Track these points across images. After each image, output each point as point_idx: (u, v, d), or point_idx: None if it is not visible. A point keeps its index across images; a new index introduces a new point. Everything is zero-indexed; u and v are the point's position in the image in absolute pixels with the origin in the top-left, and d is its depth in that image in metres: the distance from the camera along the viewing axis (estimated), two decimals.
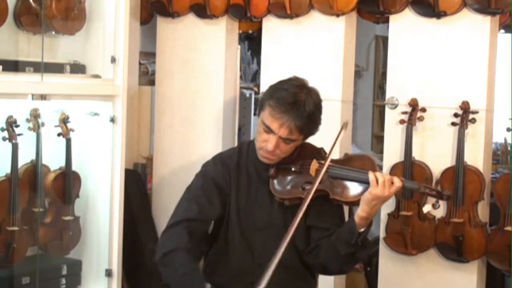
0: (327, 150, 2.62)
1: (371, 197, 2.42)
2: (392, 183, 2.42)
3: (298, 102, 2.49)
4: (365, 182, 2.47)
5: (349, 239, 2.48)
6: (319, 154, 2.62)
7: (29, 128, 3.21)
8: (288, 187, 2.59)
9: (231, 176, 2.65)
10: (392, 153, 3.60)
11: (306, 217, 2.60)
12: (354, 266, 2.69)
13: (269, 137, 2.52)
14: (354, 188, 2.51)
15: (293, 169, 2.60)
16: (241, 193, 2.65)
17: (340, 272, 2.77)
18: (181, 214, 2.62)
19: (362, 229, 2.47)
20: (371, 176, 2.43)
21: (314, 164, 2.57)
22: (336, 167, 2.55)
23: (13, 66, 3.27)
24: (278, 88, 2.55)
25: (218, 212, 2.64)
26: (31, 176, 3.32)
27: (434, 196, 2.59)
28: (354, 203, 2.53)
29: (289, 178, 2.60)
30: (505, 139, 4.82)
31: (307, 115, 2.49)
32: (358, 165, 2.56)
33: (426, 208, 3.29)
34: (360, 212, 2.45)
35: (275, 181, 2.61)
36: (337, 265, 2.58)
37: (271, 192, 2.61)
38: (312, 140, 2.66)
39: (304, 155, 2.62)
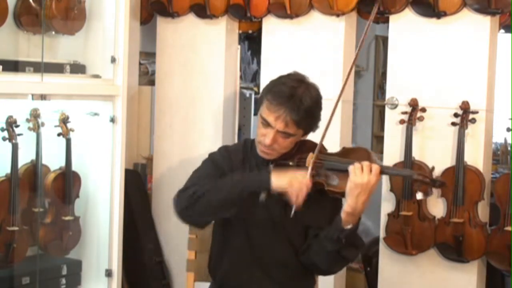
0: (329, 149, 2.62)
1: (352, 186, 2.40)
2: (369, 166, 2.41)
3: (295, 96, 2.49)
4: None
5: (333, 234, 2.46)
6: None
7: (29, 128, 3.21)
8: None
9: (235, 170, 2.65)
10: (392, 153, 3.60)
11: (304, 217, 2.60)
12: (342, 267, 2.66)
13: (267, 131, 2.53)
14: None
15: (290, 163, 2.61)
16: None
17: (329, 272, 2.74)
18: (193, 181, 2.61)
19: (349, 226, 2.45)
20: (350, 166, 2.43)
21: (310, 156, 2.57)
22: (332, 159, 2.56)
23: (13, 66, 3.27)
24: (277, 82, 2.56)
25: None
26: (31, 176, 3.33)
27: (427, 184, 2.58)
28: None
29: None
30: (505, 139, 4.81)
31: (304, 109, 2.49)
32: (354, 157, 2.56)
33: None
34: (345, 207, 2.43)
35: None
36: (325, 263, 2.57)
37: None
38: (313, 138, 2.66)
39: (303, 151, 2.62)
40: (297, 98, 2.49)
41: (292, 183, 2.42)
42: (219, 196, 2.49)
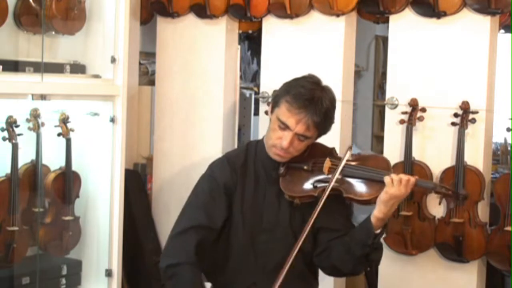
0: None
1: (388, 197, 2.43)
2: (408, 180, 2.44)
3: (316, 98, 2.49)
4: (380, 181, 2.47)
5: (365, 240, 2.49)
6: (331, 153, 2.62)
7: (29, 128, 3.21)
8: (300, 185, 2.58)
9: (238, 175, 2.64)
10: (392, 153, 3.59)
11: (315, 219, 2.60)
12: (366, 267, 2.68)
13: (284, 134, 2.51)
14: (368, 187, 2.51)
15: (305, 167, 2.59)
16: (247, 192, 2.63)
17: (353, 273, 2.76)
18: (188, 221, 2.59)
19: (378, 230, 2.48)
20: (386, 178, 2.45)
21: (328, 163, 2.57)
22: (351, 166, 2.55)
23: (13, 66, 3.27)
24: (294, 85, 2.55)
25: (225, 218, 2.62)
26: (31, 176, 3.32)
27: (450, 196, 2.58)
28: (368, 202, 2.53)
29: (300, 176, 2.59)
30: (505, 139, 4.81)
31: (324, 111, 2.50)
32: (373, 164, 2.56)
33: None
34: (376, 213, 2.46)
35: (285, 179, 2.60)
36: (350, 266, 2.58)
37: (280, 191, 2.59)
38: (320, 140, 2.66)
39: (315, 154, 2.62)
40: (318, 100, 2.49)
41: None
42: None
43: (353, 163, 2.57)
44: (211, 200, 2.60)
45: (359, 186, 2.53)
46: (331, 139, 2.76)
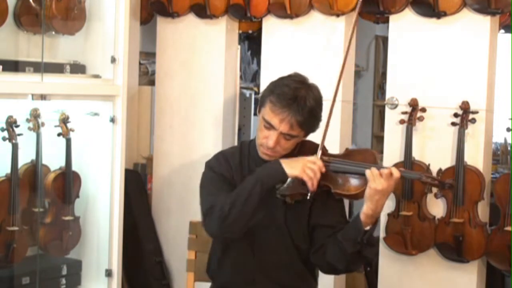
0: (329, 149, 2.62)
1: (372, 192, 2.41)
2: (391, 174, 2.42)
3: (299, 97, 2.49)
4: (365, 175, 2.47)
5: (355, 237, 2.47)
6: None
7: (29, 128, 3.21)
8: (290, 183, 2.58)
9: (234, 174, 2.65)
10: (392, 153, 3.60)
11: (310, 217, 2.60)
12: (361, 264, 2.68)
13: (270, 133, 2.52)
14: (356, 181, 2.51)
15: None
16: None
17: (347, 271, 2.75)
18: (211, 199, 2.56)
19: (368, 227, 2.46)
20: (367, 171, 2.43)
21: None
22: (337, 161, 2.55)
23: (13, 66, 3.27)
24: (279, 84, 2.55)
25: None
26: (31, 176, 3.32)
27: (436, 186, 2.58)
28: (356, 196, 2.52)
29: None
30: (505, 139, 4.82)
31: (307, 110, 2.49)
32: (360, 158, 2.56)
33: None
34: (365, 209, 2.44)
35: None
36: (344, 263, 2.57)
37: (273, 190, 2.60)
38: (312, 137, 2.66)
39: (304, 152, 2.62)
40: (301, 99, 2.48)
41: (304, 169, 2.44)
42: (244, 202, 2.47)
43: (339, 158, 2.58)
44: (218, 184, 2.61)
45: (346, 181, 2.52)
46: (331, 139, 2.76)
